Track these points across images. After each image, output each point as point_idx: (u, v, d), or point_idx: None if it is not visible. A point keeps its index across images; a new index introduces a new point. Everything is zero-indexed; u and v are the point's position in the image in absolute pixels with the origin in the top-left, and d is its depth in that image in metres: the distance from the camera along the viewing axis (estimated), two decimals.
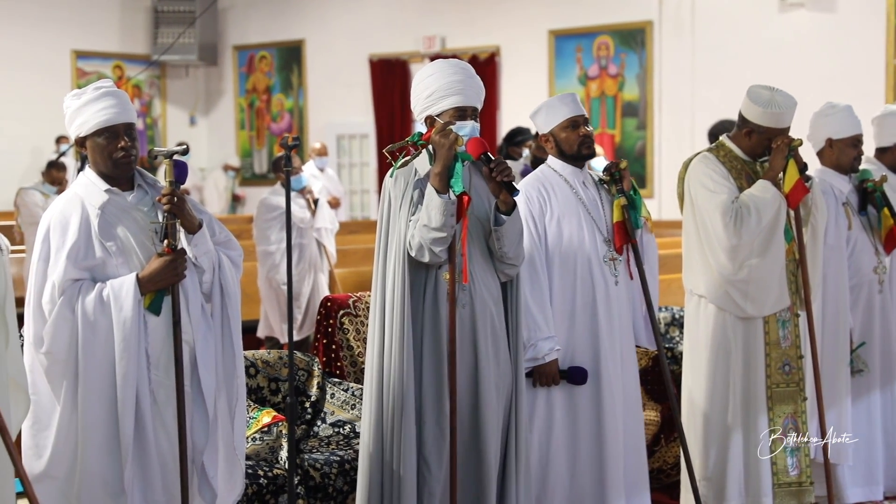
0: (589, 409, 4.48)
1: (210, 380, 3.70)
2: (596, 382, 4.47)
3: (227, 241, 3.85)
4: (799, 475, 4.89)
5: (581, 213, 4.55)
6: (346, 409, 5.17)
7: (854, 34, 11.70)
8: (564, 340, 4.48)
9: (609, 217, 4.57)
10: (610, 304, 4.51)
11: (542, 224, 4.51)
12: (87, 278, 3.59)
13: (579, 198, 4.58)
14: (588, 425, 4.48)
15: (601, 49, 13.43)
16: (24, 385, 3.45)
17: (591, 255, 4.51)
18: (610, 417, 4.47)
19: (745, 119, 4.87)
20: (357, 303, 5.39)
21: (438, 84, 4.02)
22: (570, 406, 4.49)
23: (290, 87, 16.17)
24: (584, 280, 4.50)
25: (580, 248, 4.50)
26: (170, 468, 3.64)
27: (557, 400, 4.48)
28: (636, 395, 4.64)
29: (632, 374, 4.62)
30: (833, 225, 5.24)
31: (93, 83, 3.74)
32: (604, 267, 4.52)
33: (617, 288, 4.54)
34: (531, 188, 4.56)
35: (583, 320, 4.50)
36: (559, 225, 4.51)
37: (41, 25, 15.22)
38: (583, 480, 4.48)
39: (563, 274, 4.50)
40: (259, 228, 9.31)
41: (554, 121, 4.57)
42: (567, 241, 4.50)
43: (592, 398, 4.48)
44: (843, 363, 5.25)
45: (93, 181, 3.70)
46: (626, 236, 4.51)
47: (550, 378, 4.42)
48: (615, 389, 4.50)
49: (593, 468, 4.47)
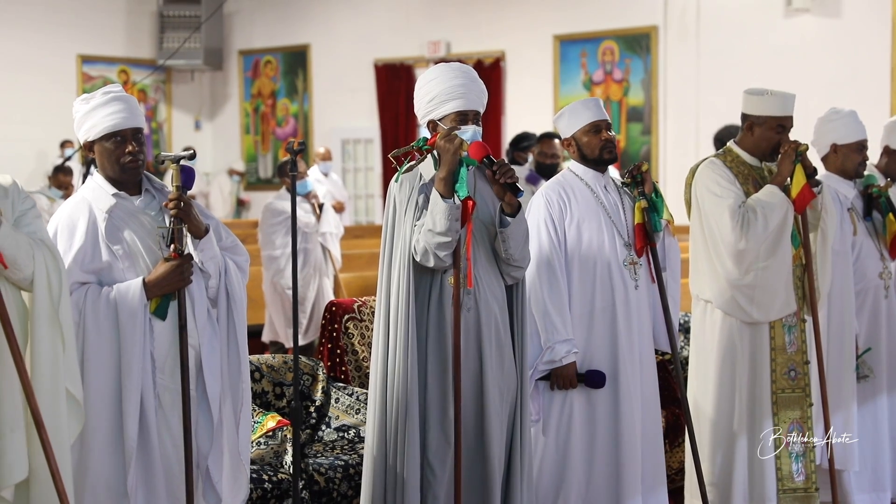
0: (607, 412, 4.48)
1: (215, 384, 3.71)
2: (614, 386, 4.47)
3: (234, 246, 3.86)
4: (804, 481, 4.88)
5: (602, 216, 4.55)
6: (350, 414, 5.17)
7: (859, 39, 11.70)
8: (583, 344, 4.48)
9: (630, 221, 4.56)
10: (629, 308, 4.51)
11: (561, 228, 4.51)
12: (94, 282, 3.59)
13: (600, 202, 4.57)
14: (606, 428, 4.48)
15: (606, 54, 13.44)
16: (79, 397, 3.39)
17: (611, 259, 4.51)
18: (627, 421, 4.47)
19: (746, 115, 4.91)
20: (362, 307, 5.40)
21: (440, 88, 4.02)
22: (588, 409, 4.49)
23: (296, 91, 16.20)
24: (604, 284, 4.50)
25: (600, 251, 4.50)
26: (174, 472, 3.64)
27: (575, 403, 4.48)
28: (654, 398, 4.64)
29: (650, 378, 4.62)
30: (838, 230, 5.24)
31: (101, 88, 3.75)
32: (623, 271, 4.52)
33: (637, 292, 4.54)
34: (552, 192, 4.57)
35: (601, 324, 4.50)
36: (579, 229, 4.52)
37: (47, 30, 15.25)
38: (599, 483, 4.48)
39: (582, 277, 4.50)
40: (264, 233, 9.33)
41: (576, 125, 4.58)
42: (587, 245, 4.50)
43: (610, 402, 4.48)
44: (849, 369, 5.25)
45: (101, 185, 3.71)
46: (646, 239, 4.51)
47: (568, 381, 4.42)
48: (633, 393, 4.50)
49: (610, 471, 4.48)
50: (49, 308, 3.32)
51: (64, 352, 3.34)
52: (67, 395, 3.36)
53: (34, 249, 3.31)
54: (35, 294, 3.31)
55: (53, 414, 3.29)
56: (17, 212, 3.36)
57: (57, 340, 3.33)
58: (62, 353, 3.33)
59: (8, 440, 3.24)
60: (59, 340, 3.33)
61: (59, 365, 3.32)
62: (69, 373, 3.36)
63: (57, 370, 3.32)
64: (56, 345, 3.32)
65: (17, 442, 3.24)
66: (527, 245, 4.07)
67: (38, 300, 3.31)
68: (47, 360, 3.30)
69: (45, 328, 3.31)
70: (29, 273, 3.29)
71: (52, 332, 3.32)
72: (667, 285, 4.61)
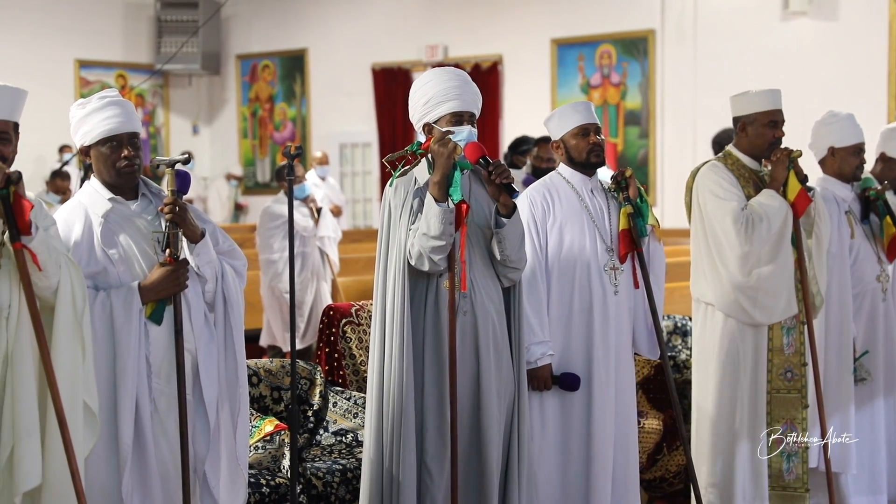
0: (580, 415, 4.49)
1: (212, 389, 3.70)
2: (587, 390, 4.48)
3: (231, 250, 3.85)
4: (794, 480, 4.89)
5: (585, 220, 4.56)
6: (348, 418, 5.17)
7: (856, 42, 11.71)
8: (560, 346, 4.49)
9: (614, 226, 4.57)
10: (607, 313, 4.51)
11: (543, 229, 4.53)
12: (90, 286, 3.58)
13: (585, 205, 4.58)
14: (579, 431, 4.49)
15: (603, 58, 13.44)
16: (94, 409, 3.39)
17: (591, 263, 4.51)
18: (599, 424, 4.47)
19: (737, 117, 4.94)
20: (359, 311, 5.40)
21: (434, 91, 4.03)
22: (562, 411, 4.50)
23: (293, 95, 16.20)
24: (583, 287, 4.51)
25: (580, 255, 4.51)
26: (170, 477, 3.63)
27: (549, 405, 4.50)
28: (631, 405, 4.63)
29: (627, 384, 4.62)
30: (836, 233, 5.24)
31: (97, 92, 3.75)
32: (603, 275, 4.53)
33: (616, 297, 4.54)
34: (536, 193, 4.58)
35: (578, 327, 4.51)
36: (561, 231, 4.53)
37: (45, 35, 15.25)
38: (572, 484, 4.49)
39: (561, 280, 4.51)
40: (262, 237, 9.33)
41: (565, 127, 4.59)
42: (567, 248, 4.51)
43: (584, 405, 4.49)
44: (847, 372, 5.25)
45: (97, 190, 3.71)
46: (631, 244, 4.51)
47: (542, 382, 4.43)
48: (607, 397, 4.50)
49: (581, 473, 4.48)
50: (72, 319, 3.35)
51: (84, 363, 3.35)
52: (84, 406, 3.36)
53: (61, 260, 3.34)
54: (59, 304, 3.34)
55: (71, 425, 3.28)
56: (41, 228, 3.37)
57: (77, 351, 3.35)
58: (82, 364, 3.35)
59: (25, 445, 3.25)
60: (79, 351, 3.35)
61: (78, 375, 3.33)
62: (86, 384, 3.37)
63: (76, 380, 3.33)
64: (76, 356, 3.34)
65: (32, 448, 3.25)
66: (523, 246, 4.07)
67: (61, 311, 3.34)
68: (67, 370, 3.31)
69: (68, 339, 3.33)
70: (55, 282, 3.33)
71: (74, 343, 3.34)
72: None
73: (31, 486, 3.26)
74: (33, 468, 3.25)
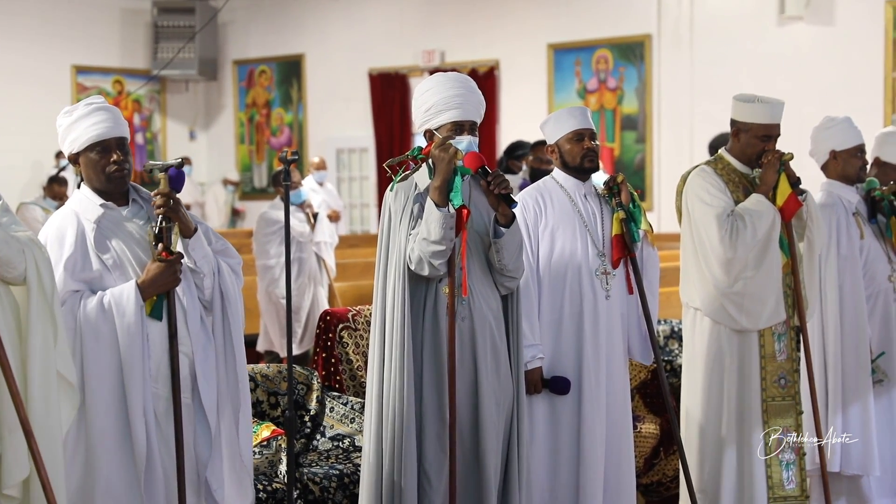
0: (570, 419, 4.49)
1: (211, 393, 3.70)
2: (577, 394, 4.48)
3: (225, 249, 3.85)
4: (794, 489, 4.88)
5: (577, 225, 4.56)
6: (345, 423, 5.17)
7: (853, 47, 11.73)
8: (550, 350, 4.50)
9: (607, 231, 4.57)
10: (598, 318, 4.51)
11: (535, 234, 4.53)
12: (86, 290, 3.59)
13: (577, 210, 4.58)
14: (568, 435, 4.48)
15: (600, 62, 13.45)
16: (73, 381, 3.44)
17: (583, 268, 4.52)
18: (589, 428, 4.47)
19: (734, 120, 4.91)
20: (356, 316, 5.39)
21: (436, 98, 4.04)
22: (552, 415, 4.50)
23: (290, 101, 16.20)
24: (573, 292, 4.51)
25: (572, 259, 4.51)
26: (173, 481, 3.63)
27: (539, 409, 4.50)
28: (624, 410, 4.62)
29: (620, 389, 4.61)
30: (845, 236, 5.24)
31: (84, 100, 3.77)
32: (595, 280, 4.53)
33: (608, 302, 4.54)
34: (529, 197, 4.59)
35: (569, 332, 4.51)
36: (553, 236, 4.53)
37: (41, 40, 15.24)
38: (562, 488, 4.48)
39: (552, 284, 4.51)
40: (258, 243, 9.32)
41: (560, 132, 4.59)
42: (559, 253, 4.52)
43: (573, 409, 4.49)
44: (865, 372, 5.23)
45: (88, 197, 3.71)
46: (624, 249, 4.51)
47: (532, 385, 4.43)
48: (597, 402, 4.49)
49: (571, 477, 4.47)
50: (42, 301, 3.37)
51: (55, 340, 3.38)
52: (59, 379, 3.39)
53: (24, 247, 3.35)
54: (29, 289, 3.37)
55: (44, 399, 3.33)
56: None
57: (49, 331, 3.37)
58: (53, 342, 3.38)
59: (7, 442, 3.29)
60: (51, 330, 3.37)
61: (49, 352, 3.36)
62: (61, 357, 3.40)
63: (48, 357, 3.36)
64: (48, 335, 3.37)
65: (16, 442, 3.28)
66: (521, 256, 4.07)
67: (32, 295, 3.36)
68: (40, 349, 3.35)
69: (39, 321, 3.36)
70: (22, 270, 3.34)
71: (45, 324, 3.37)
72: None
73: (18, 479, 3.31)
74: (18, 462, 3.29)
